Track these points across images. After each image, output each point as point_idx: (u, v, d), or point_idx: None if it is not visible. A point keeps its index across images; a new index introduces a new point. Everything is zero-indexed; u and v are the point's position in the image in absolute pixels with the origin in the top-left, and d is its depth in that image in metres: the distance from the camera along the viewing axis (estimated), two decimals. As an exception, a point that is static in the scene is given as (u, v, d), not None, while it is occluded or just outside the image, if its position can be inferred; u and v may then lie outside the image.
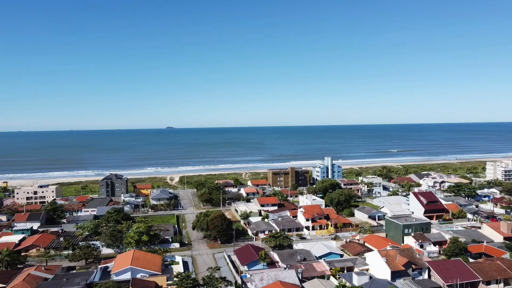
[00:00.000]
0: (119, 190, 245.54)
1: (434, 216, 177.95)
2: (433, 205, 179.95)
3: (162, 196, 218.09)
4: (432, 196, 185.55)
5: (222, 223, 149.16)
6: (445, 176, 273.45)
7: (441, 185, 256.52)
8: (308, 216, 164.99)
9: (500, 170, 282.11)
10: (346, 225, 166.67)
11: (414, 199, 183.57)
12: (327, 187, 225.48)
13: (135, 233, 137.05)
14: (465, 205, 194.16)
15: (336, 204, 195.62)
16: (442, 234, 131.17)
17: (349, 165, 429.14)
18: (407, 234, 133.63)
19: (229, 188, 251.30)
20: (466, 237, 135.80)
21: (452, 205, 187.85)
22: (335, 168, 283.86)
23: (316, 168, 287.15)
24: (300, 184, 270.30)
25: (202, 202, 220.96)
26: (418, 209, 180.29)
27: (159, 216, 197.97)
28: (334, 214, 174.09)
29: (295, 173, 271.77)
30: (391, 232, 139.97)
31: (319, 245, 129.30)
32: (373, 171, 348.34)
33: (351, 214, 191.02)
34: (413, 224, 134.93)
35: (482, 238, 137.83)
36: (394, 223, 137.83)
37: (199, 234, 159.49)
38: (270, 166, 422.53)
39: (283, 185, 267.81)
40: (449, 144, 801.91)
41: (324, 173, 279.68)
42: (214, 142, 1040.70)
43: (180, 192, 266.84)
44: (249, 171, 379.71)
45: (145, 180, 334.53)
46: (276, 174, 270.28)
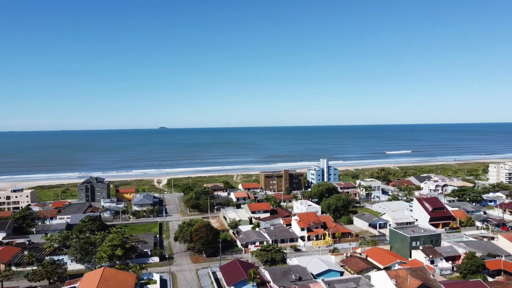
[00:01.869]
0: (99, 195, 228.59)
1: (440, 224, 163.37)
2: (439, 212, 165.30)
3: (145, 202, 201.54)
4: (438, 202, 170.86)
5: (207, 234, 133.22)
6: (447, 179, 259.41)
7: (443, 189, 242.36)
8: (303, 225, 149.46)
9: (503, 173, 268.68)
10: (345, 234, 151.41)
11: (418, 206, 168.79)
12: (323, 192, 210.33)
13: (108, 247, 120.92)
14: (473, 212, 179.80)
15: (333, 211, 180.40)
16: (454, 247, 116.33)
17: (345, 166, 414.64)
18: (415, 247, 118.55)
19: (218, 192, 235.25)
20: (480, 250, 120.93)
21: (459, 211, 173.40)
22: (331, 171, 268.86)
23: (311, 171, 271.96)
24: (294, 187, 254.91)
25: (188, 208, 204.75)
26: (423, 217, 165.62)
27: (141, 224, 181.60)
28: (332, 223, 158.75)
29: (289, 176, 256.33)
30: (397, 245, 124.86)
31: (316, 260, 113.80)
32: (371, 173, 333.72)
33: (350, 222, 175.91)
34: (421, 236, 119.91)
35: (497, 251, 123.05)
36: (400, 235, 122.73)
37: (182, 246, 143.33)
38: (263, 168, 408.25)
39: (276, 188, 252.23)
40: (445, 144, 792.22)
41: (319, 176, 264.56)
42: (207, 143, 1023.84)
43: (166, 196, 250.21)
44: (241, 173, 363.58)
45: (131, 183, 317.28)
46: (269, 177, 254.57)
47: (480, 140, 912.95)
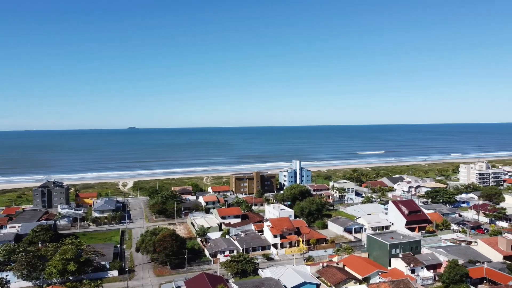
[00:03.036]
0: (57, 200, 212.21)
1: (416, 227, 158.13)
2: (416, 216, 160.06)
3: (107, 207, 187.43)
4: (414, 205, 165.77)
5: (172, 244, 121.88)
6: (420, 180, 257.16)
7: (416, 190, 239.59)
8: (276, 231, 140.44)
9: (474, 173, 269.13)
10: (319, 241, 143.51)
11: (394, 209, 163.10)
12: (296, 194, 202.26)
13: (59, 261, 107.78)
14: (448, 214, 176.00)
15: (307, 215, 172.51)
16: (435, 255, 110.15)
17: (317, 167, 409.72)
18: (394, 255, 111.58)
19: (186, 196, 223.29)
20: (461, 256, 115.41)
21: (434, 214, 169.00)
22: (303, 172, 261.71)
23: (283, 173, 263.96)
24: (266, 190, 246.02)
25: (154, 213, 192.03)
26: (399, 220, 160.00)
27: (101, 232, 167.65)
28: (306, 228, 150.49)
29: (260, 178, 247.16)
30: (375, 252, 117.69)
31: (290, 271, 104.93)
32: (343, 174, 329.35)
33: (324, 226, 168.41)
34: (401, 243, 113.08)
35: (478, 257, 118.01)
36: (379, 242, 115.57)
37: (145, 257, 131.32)
38: (235, 169, 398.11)
39: (247, 191, 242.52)
40: (414, 145, 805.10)
41: (292, 177, 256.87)
42: (178, 143, 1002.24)
43: (131, 200, 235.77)
44: (211, 175, 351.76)
45: (94, 186, 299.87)
46: (240, 180, 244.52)
47: (446, 140, 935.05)
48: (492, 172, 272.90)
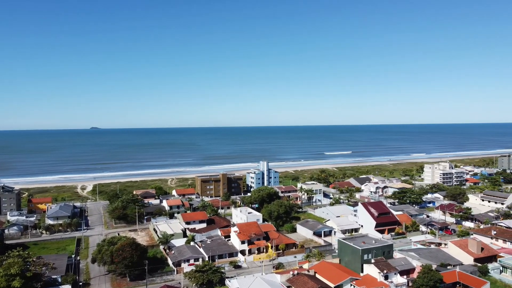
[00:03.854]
0: (7, 206, 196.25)
1: (386, 229, 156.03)
2: (385, 218, 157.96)
3: (62, 213, 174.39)
4: (383, 206, 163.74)
5: (132, 254, 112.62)
6: (386, 181, 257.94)
7: (383, 191, 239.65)
8: (243, 237, 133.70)
9: (438, 173, 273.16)
10: (289, 246, 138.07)
11: (364, 211, 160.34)
12: (264, 197, 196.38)
13: (2, 277, 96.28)
14: (416, 215, 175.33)
15: (275, 218, 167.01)
16: (408, 259, 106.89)
17: (284, 168, 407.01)
18: (366, 260, 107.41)
19: (149, 199, 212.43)
20: (433, 260, 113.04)
21: (403, 215, 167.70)
22: (271, 174, 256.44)
23: (250, 174, 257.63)
24: (233, 192, 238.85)
25: (114, 219, 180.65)
26: (369, 222, 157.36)
27: (55, 241, 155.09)
28: (275, 233, 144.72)
29: (227, 180, 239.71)
30: (347, 258, 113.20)
31: (259, 281, 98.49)
32: (311, 175, 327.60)
33: (293, 230, 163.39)
34: (373, 248, 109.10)
35: (449, 260, 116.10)
36: (351, 247, 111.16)
37: (102, 269, 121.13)
38: (201, 171, 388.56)
39: (213, 194, 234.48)
40: (377, 145, 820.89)
41: (259, 179, 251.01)
42: (142, 144, 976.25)
43: (89, 205, 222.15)
44: (176, 177, 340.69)
45: (51, 190, 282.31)
46: (206, 182, 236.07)
47: (407, 141, 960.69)
48: (455, 172, 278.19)
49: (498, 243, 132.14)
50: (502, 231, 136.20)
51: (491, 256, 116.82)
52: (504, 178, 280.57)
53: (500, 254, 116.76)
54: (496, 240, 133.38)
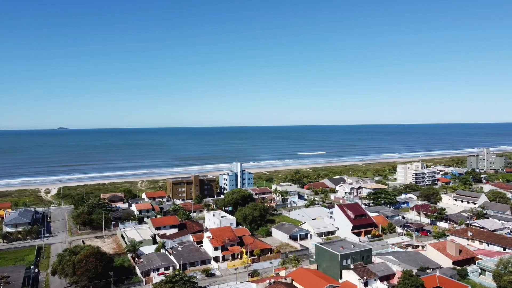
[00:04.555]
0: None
1: (362, 232, 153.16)
2: (361, 220, 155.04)
3: (22, 220, 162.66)
4: (359, 208, 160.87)
5: (96, 264, 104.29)
6: (361, 181, 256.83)
7: (358, 191, 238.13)
8: (217, 243, 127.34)
9: (411, 173, 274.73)
10: (264, 251, 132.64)
11: (340, 213, 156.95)
12: (237, 199, 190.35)
13: None
14: (392, 217, 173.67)
15: (250, 222, 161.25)
16: (388, 264, 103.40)
17: (258, 168, 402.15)
18: (345, 266, 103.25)
19: (117, 203, 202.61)
20: (412, 264, 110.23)
21: (379, 217, 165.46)
22: (245, 175, 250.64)
23: (224, 176, 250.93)
24: (206, 195, 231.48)
25: (78, 225, 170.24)
26: (345, 225, 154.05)
27: (12, 251, 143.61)
28: (249, 238, 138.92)
29: (199, 182, 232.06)
30: (325, 263, 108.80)
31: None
32: (285, 176, 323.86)
33: (268, 234, 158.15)
34: (352, 253, 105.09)
35: (428, 263, 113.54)
36: (329, 253, 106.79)
37: (63, 281, 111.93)
38: (172, 172, 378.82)
39: (185, 196, 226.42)
40: (350, 145, 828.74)
41: (233, 181, 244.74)
42: (112, 144, 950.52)
43: (53, 210, 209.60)
44: (146, 179, 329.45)
45: (12, 194, 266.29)
46: (177, 184, 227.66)
47: (379, 141, 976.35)
48: (427, 172, 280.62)
49: (474, 244, 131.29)
50: (478, 232, 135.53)
51: (469, 259, 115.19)
52: (474, 177, 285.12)
53: (478, 256, 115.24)
54: (473, 241, 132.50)
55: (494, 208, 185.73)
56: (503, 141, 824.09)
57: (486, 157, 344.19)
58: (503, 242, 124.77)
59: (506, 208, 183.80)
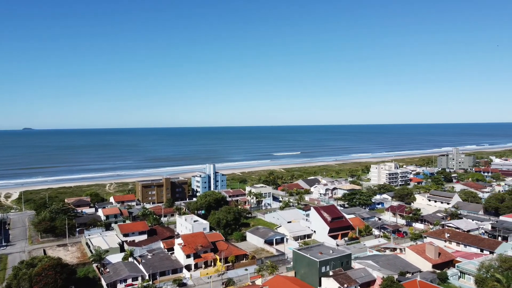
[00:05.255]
0: None
1: (339, 235, 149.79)
2: (338, 222, 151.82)
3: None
4: (336, 211, 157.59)
5: (55, 277, 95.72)
6: (335, 182, 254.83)
7: (333, 192, 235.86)
8: (189, 250, 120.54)
9: (384, 173, 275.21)
10: (239, 257, 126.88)
11: (317, 216, 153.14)
12: (211, 203, 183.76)
13: None
14: (368, 218, 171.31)
15: (223, 226, 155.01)
16: (368, 270, 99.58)
17: (231, 169, 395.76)
18: (324, 273, 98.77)
19: (83, 208, 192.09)
20: (391, 268, 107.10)
21: (355, 219, 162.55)
22: (218, 177, 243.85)
23: (196, 178, 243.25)
24: (178, 198, 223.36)
25: (40, 232, 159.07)
26: (322, 228, 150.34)
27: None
28: (224, 243, 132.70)
29: (170, 184, 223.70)
30: (302, 270, 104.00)
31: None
32: (258, 177, 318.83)
33: (243, 238, 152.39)
34: (331, 259, 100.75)
35: (408, 267, 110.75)
36: (307, 259, 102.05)
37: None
38: (143, 174, 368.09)
39: (156, 200, 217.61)
40: (322, 145, 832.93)
41: (205, 183, 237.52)
42: (80, 145, 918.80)
43: (12, 216, 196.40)
44: (115, 181, 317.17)
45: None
46: (147, 187, 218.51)
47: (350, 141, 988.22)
48: (401, 172, 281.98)
49: (451, 246, 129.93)
50: (455, 234, 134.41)
51: (448, 261, 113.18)
52: (445, 177, 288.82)
53: (457, 259, 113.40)
54: (450, 243, 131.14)
55: (467, 208, 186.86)
56: (469, 141, 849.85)
57: (455, 156, 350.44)
58: (480, 244, 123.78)
59: (479, 208, 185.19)
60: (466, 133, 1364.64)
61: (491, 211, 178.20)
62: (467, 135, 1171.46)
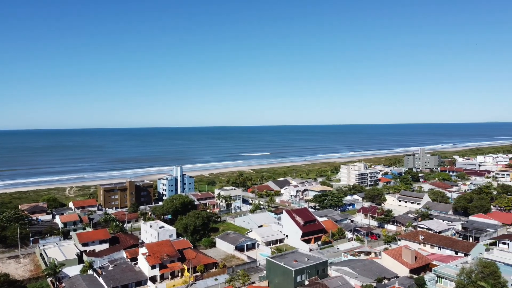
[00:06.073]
0: None
1: (312, 239, 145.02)
2: (311, 226, 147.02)
3: None
4: (309, 214, 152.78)
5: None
6: (306, 183, 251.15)
7: (303, 194, 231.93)
8: (154, 260, 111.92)
9: (354, 174, 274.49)
10: (208, 266, 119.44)
11: (289, 219, 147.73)
12: (177, 207, 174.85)
13: None
14: (341, 221, 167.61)
15: (191, 233, 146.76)
16: (345, 278, 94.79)
17: (198, 171, 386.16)
18: (300, 282, 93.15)
19: (39, 215, 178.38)
20: (368, 274, 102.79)
21: (328, 222, 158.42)
22: (185, 180, 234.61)
23: (162, 181, 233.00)
24: (143, 202, 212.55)
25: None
26: (294, 232, 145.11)
27: None
28: (192, 251, 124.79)
29: (135, 188, 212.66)
30: (277, 280, 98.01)
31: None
32: (227, 179, 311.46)
33: (212, 245, 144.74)
34: (307, 267, 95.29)
35: (384, 272, 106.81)
36: (282, 268, 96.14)
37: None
38: (107, 176, 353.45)
39: (119, 205, 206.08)
40: (290, 145, 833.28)
41: (172, 186, 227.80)
42: (39, 146, 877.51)
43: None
44: (76, 185, 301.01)
45: None
46: (110, 191, 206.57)
47: (317, 141, 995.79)
48: (370, 172, 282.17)
49: (425, 249, 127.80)
50: (429, 236, 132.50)
51: (425, 265, 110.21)
52: (412, 176, 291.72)
53: (433, 263, 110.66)
54: (424, 246, 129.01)
55: (437, 208, 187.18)
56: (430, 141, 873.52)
57: (421, 156, 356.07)
58: (455, 246, 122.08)
59: (449, 208, 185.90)
60: (428, 133, 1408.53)
61: (460, 211, 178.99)
62: (429, 135, 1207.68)
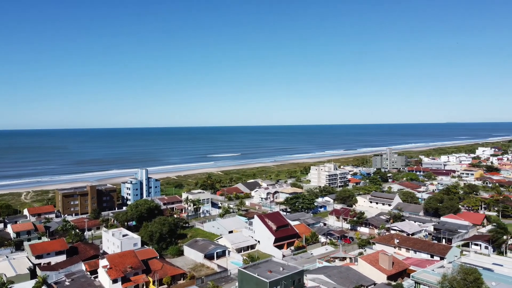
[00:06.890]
0: None
1: (285, 244, 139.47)
2: (284, 230, 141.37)
3: None
4: (281, 218, 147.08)
5: None
6: (277, 185, 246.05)
7: (274, 196, 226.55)
8: (116, 274, 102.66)
9: (324, 175, 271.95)
10: (176, 277, 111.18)
11: (260, 224, 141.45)
12: (143, 212, 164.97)
13: None
14: (314, 224, 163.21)
15: (157, 241, 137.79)
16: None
17: (165, 173, 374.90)
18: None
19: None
20: (345, 283, 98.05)
21: (301, 226, 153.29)
22: (151, 183, 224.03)
23: (126, 184, 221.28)
24: (105, 207, 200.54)
25: None
26: (267, 237, 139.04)
27: None
28: (158, 262, 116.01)
29: (97, 192, 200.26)
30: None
31: None
32: (195, 181, 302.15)
33: (180, 253, 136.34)
34: (282, 278, 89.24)
35: (361, 280, 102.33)
36: (255, 279, 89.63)
37: None
38: (67, 179, 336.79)
39: (79, 211, 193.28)
40: (257, 146, 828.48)
41: (137, 190, 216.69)
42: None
43: None
44: (33, 189, 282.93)
45: None
46: (69, 197, 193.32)
47: (284, 141, 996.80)
48: (340, 173, 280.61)
49: (401, 252, 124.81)
50: (404, 239, 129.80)
51: (402, 271, 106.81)
52: (381, 177, 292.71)
53: (410, 268, 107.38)
54: (399, 249, 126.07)
55: (408, 209, 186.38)
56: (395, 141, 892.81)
57: (389, 156, 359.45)
58: (431, 249, 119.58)
59: (419, 208, 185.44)
60: (390, 133, 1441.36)
61: (431, 211, 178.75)
62: (391, 135, 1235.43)
